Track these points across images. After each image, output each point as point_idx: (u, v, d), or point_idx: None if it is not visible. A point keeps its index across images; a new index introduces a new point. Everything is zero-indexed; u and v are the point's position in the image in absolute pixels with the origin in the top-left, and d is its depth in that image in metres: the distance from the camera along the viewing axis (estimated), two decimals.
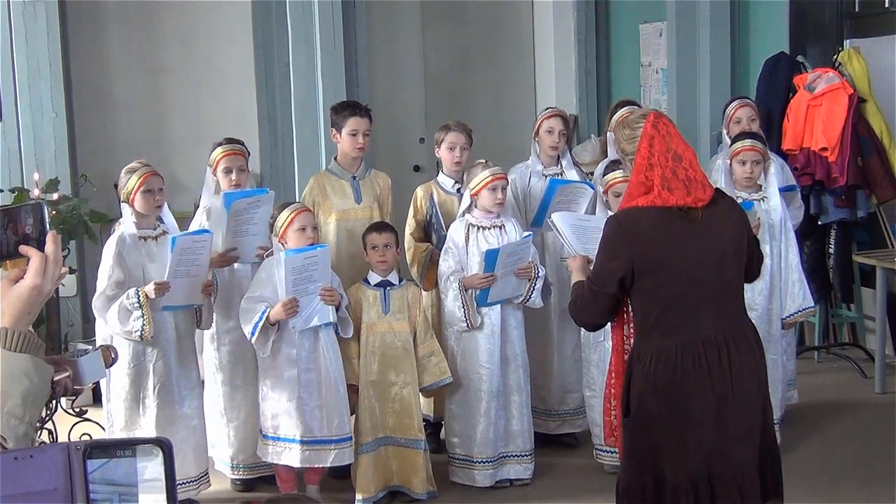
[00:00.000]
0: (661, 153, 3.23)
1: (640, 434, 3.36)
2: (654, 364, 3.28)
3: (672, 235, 3.25)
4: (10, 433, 1.60)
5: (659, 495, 3.34)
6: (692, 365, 3.25)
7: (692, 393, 3.27)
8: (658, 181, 3.23)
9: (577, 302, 3.48)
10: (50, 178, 6.51)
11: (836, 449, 5.30)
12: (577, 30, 8.79)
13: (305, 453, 4.57)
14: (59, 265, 1.76)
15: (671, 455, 3.30)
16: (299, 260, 4.40)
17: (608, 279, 3.31)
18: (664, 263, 3.25)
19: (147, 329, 4.39)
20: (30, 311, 1.72)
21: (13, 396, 1.63)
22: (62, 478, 1.18)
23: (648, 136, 3.26)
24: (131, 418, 4.58)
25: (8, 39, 6.74)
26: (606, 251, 3.33)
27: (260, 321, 4.44)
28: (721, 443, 3.26)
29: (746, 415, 3.33)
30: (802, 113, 6.39)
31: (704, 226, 3.26)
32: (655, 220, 3.25)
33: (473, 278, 4.73)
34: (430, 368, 4.78)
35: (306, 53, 6.98)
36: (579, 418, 5.34)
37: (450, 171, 5.21)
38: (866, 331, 6.75)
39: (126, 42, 7.74)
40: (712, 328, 3.27)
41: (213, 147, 4.93)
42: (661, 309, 3.28)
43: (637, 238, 3.26)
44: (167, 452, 1.23)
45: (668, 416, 3.29)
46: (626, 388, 3.37)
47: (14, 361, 1.65)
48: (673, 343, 3.26)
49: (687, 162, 3.25)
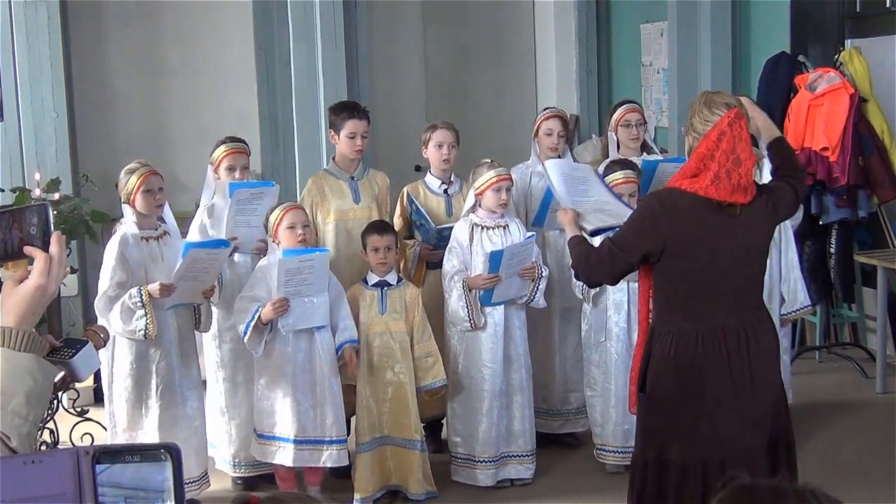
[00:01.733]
0: (725, 152, 3.32)
1: (653, 411, 3.45)
2: (673, 344, 3.37)
3: (708, 224, 3.35)
4: (14, 432, 1.60)
5: (661, 473, 3.42)
6: (712, 349, 3.35)
7: (710, 378, 3.35)
8: (711, 175, 3.32)
9: (587, 258, 3.55)
10: (51, 177, 6.51)
11: (837, 448, 5.30)
12: (578, 29, 8.79)
13: (298, 453, 4.57)
14: (63, 266, 1.76)
15: (683, 437, 3.39)
16: (294, 262, 4.39)
17: (634, 249, 3.41)
18: (695, 250, 3.36)
19: (150, 328, 4.38)
20: (34, 311, 1.73)
21: (17, 395, 1.63)
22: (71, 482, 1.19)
23: (720, 130, 3.34)
24: (134, 419, 4.58)
25: (9, 39, 6.74)
26: (641, 223, 3.45)
27: (252, 320, 4.44)
28: (736, 429, 3.35)
29: (763, 401, 3.41)
30: (803, 113, 6.39)
31: (739, 220, 3.36)
32: (695, 205, 3.35)
33: (478, 279, 4.73)
34: (426, 369, 4.78)
35: (307, 53, 6.99)
36: (582, 417, 5.34)
37: (437, 171, 5.20)
38: (867, 331, 6.75)
39: (127, 41, 7.74)
40: (733, 317, 3.37)
41: (216, 145, 4.93)
42: (685, 293, 3.39)
43: (675, 219, 3.37)
44: (176, 457, 1.23)
45: (684, 397, 3.37)
46: (645, 364, 3.45)
47: (18, 361, 1.66)
48: (694, 327, 3.36)
49: (744, 169, 3.34)
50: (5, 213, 1.80)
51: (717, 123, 3.34)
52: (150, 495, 1.22)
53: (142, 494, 1.22)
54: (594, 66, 8.88)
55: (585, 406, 5.25)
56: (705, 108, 3.44)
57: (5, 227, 1.77)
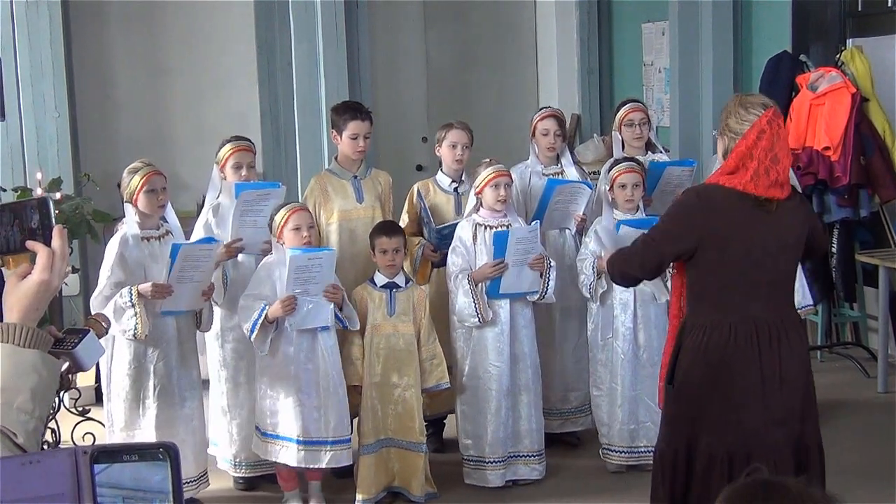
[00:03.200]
0: (764, 150, 3.37)
1: (682, 402, 3.49)
2: (706, 336, 3.41)
3: (744, 218, 3.40)
4: (21, 428, 1.60)
5: (690, 464, 3.46)
6: (744, 342, 3.39)
7: (740, 370, 3.39)
8: (750, 172, 3.37)
9: (620, 252, 3.67)
10: (53, 177, 6.51)
11: (839, 448, 5.28)
12: (579, 29, 8.79)
13: (302, 453, 4.56)
14: (66, 260, 1.75)
15: (710, 428, 3.42)
16: (303, 260, 4.40)
17: (667, 242, 3.48)
18: (731, 242, 3.40)
19: (140, 328, 4.36)
20: (37, 306, 1.72)
21: (23, 392, 1.62)
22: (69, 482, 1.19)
23: (759, 129, 3.38)
24: (131, 418, 4.58)
25: (11, 39, 6.75)
26: (677, 218, 3.53)
27: (259, 318, 4.43)
28: (762, 424, 3.38)
29: (790, 399, 3.44)
30: (805, 112, 6.38)
31: (775, 216, 3.41)
32: (732, 200, 3.40)
33: (483, 268, 4.73)
34: (430, 371, 4.78)
35: (309, 53, 6.99)
36: (581, 417, 5.34)
37: (450, 170, 5.21)
38: (869, 330, 6.74)
39: (129, 41, 7.75)
40: (765, 311, 3.42)
41: (222, 144, 4.91)
42: (719, 285, 3.43)
43: (711, 213, 3.42)
44: (174, 457, 1.23)
45: (713, 389, 3.41)
46: (675, 356, 3.49)
47: (23, 357, 1.65)
48: (727, 319, 3.41)
49: (782, 167, 3.40)
50: (6, 208, 1.79)
51: (755, 122, 3.39)
52: (149, 495, 1.22)
53: (140, 494, 1.22)
54: (596, 65, 8.88)
55: (585, 405, 5.27)
56: (741, 108, 3.47)
57: (7, 222, 1.76)
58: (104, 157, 7.30)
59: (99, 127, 7.61)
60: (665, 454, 3.55)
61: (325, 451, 4.58)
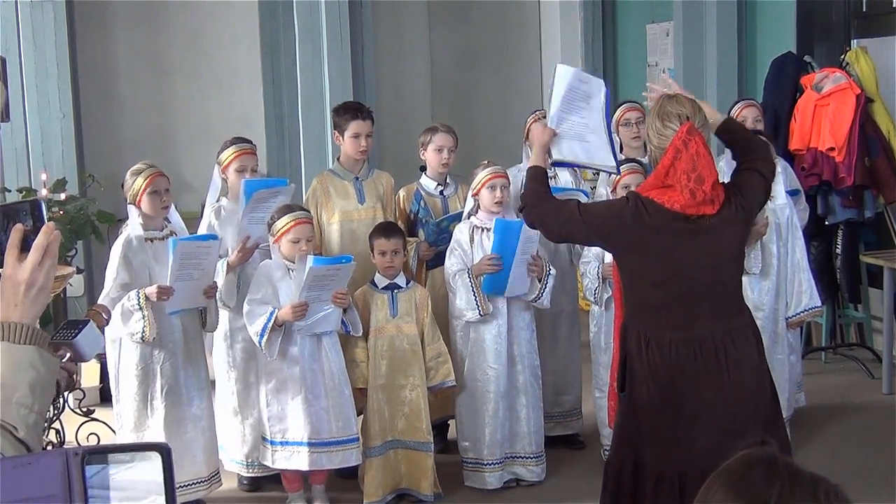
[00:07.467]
0: (685, 172, 3.25)
1: (631, 415, 3.42)
2: (651, 351, 3.33)
3: (674, 240, 3.30)
4: (21, 422, 1.61)
5: (637, 478, 3.38)
6: (687, 362, 3.30)
7: (686, 390, 3.31)
8: (678, 193, 3.27)
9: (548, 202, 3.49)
10: (57, 178, 6.53)
11: (843, 449, 5.28)
12: (583, 30, 8.79)
13: (313, 455, 4.55)
14: (52, 256, 1.74)
15: (658, 445, 3.35)
16: (323, 270, 4.38)
17: (593, 225, 3.40)
18: (658, 261, 3.32)
19: (147, 331, 4.38)
20: (32, 303, 1.72)
21: (21, 387, 1.63)
22: (60, 484, 1.19)
23: (675, 149, 3.26)
24: (140, 420, 4.58)
25: (15, 40, 6.76)
26: (610, 207, 3.51)
27: (269, 323, 4.43)
28: (716, 440, 3.25)
29: (744, 409, 3.34)
30: (809, 113, 6.37)
31: (709, 229, 3.30)
32: (664, 218, 3.29)
33: (481, 262, 4.71)
34: (436, 369, 4.77)
35: (313, 53, 7.00)
36: (573, 420, 5.36)
37: (435, 174, 5.19)
38: (873, 331, 6.73)
39: (133, 42, 7.77)
40: (710, 327, 3.32)
41: (223, 146, 4.89)
42: (661, 301, 3.34)
43: (637, 221, 3.31)
44: (166, 457, 1.23)
45: (662, 406, 3.33)
46: (623, 364, 3.42)
47: (20, 353, 1.66)
48: (668, 337, 3.32)
49: (707, 185, 3.26)
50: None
51: (672, 141, 3.26)
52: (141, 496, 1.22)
53: (132, 495, 1.22)
54: (600, 66, 8.87)
55: (576, 409, 5.31)
56: (658, 120, 3.36)
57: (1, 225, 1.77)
58: (108, 157, 7.31)
59: (103, 128, 7.62)
60: (612, 464, 3.48)
61: (335, 451, 4.58)
